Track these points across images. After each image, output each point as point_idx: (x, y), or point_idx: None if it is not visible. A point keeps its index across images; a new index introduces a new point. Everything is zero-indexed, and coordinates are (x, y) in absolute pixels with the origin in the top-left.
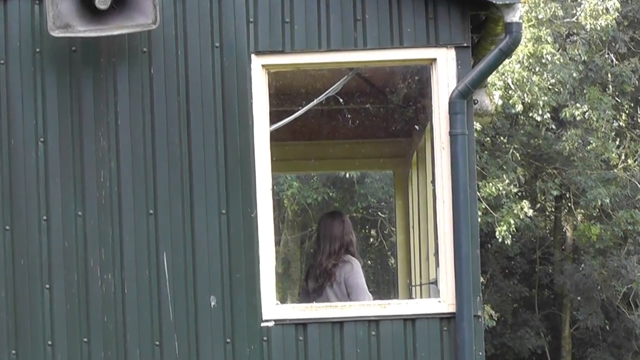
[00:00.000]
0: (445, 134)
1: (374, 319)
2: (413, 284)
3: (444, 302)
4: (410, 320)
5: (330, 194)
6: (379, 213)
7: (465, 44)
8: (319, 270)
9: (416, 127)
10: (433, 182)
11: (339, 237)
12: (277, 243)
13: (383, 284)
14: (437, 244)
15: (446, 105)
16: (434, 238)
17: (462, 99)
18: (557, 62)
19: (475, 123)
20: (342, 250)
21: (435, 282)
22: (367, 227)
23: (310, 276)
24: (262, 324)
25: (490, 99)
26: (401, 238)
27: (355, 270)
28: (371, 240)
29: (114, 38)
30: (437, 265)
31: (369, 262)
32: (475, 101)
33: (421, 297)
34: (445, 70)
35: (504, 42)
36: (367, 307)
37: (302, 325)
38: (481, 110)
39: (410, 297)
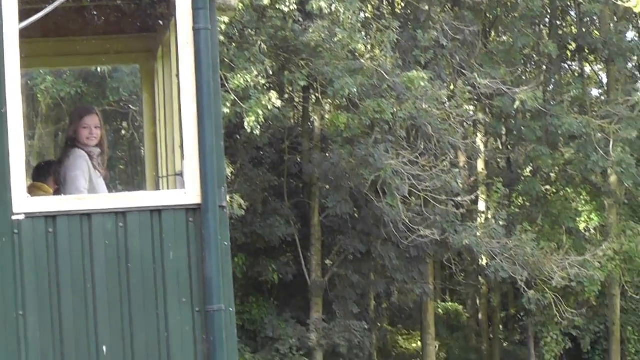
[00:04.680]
0: (188, 28)
1: (121, 211)
2: (161, 175)
3: (190, 194)
4: (157, 212)
5: (83, 88)
6: (130, 106)
7: None
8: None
9: (161, 22)
10: (178, 76)
11: (67, 132)
12: (32, 137)
13: (135, 176)
14: (182, 136)
15: (189, 0)
16: (179, 130)
17: None
18: None
19: (221, 17)
20: (69, 144)
21: (181, 174)
22: (118, 119)
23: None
24: (13, 217)
25: None
26: (149, 130)
27: (70, 162)
28: (123, 132)
29: None
30: (183, 157)
31: (120, 154)
32: None
33: (168, 188)
34: None
35: None
36: (115, 199)
37: (51, 218)
38: (225, 5)
39: (158, 189)
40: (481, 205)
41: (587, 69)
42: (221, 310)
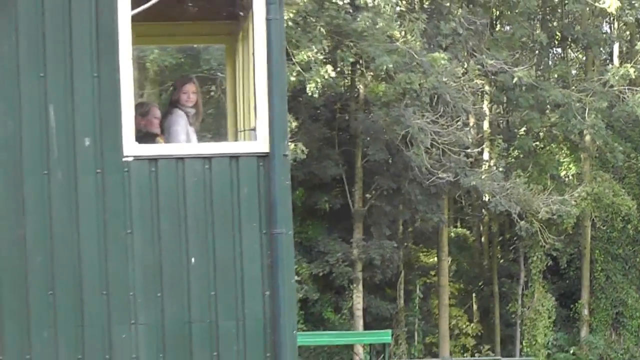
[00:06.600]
0: (263, 18)
1: (207, 156)
2: (239, 129)
3: (260, 145)
4: (235, 158)
5: (182, 59)
6: (219, 73)
7: None
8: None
9: (241, 12)
10: (253, 54)
11: (171, 95)
12: (141, 96)
13: (221, 128)
14: (256, 100)
15: None
16: (254, 95)
17: None
18: None
19: (288, 9)
20: (172, 104)
21: (254, 129)
22: (209, 83)
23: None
24: (124, 159)
25: None
26: (231, 94)
27: (173, 119)
28: (212, 93)
29: None
30: (256, 116)
31: (210, 110)
32: None
33: (244, 140)
34: None
35: None
36: (203, 146)
37: (154, 160)
38: (290, 0)
39: (236, 140)
40: (485, 156)
41: (570, 53)
42: (282, 233)
